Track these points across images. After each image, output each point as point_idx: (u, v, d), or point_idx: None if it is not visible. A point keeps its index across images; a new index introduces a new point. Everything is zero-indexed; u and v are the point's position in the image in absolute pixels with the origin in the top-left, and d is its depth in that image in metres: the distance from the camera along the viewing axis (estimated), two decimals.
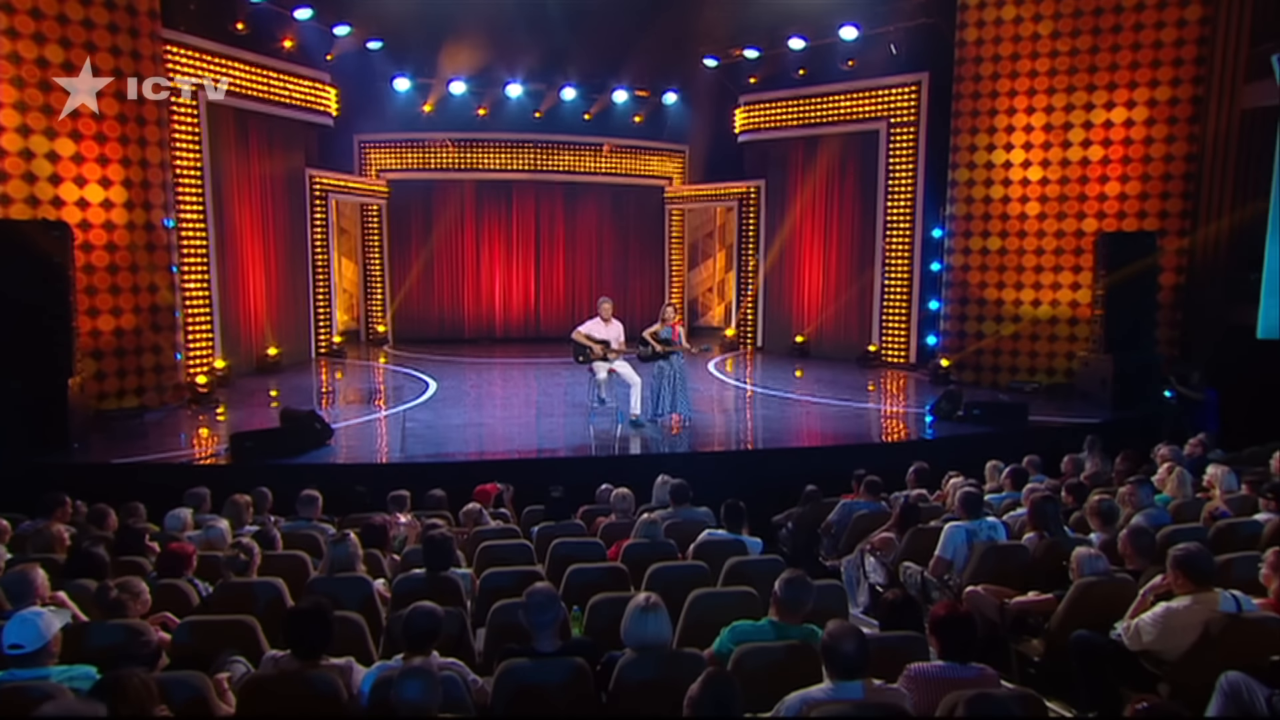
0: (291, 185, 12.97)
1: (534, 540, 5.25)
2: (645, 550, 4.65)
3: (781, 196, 14.73)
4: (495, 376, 12.30)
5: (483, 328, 16.43)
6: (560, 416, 8.98)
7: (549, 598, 3.10)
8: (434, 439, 7.89)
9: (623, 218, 16.91)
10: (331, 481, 6.47)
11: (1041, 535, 4.73)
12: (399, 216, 15.84)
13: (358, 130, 15.10)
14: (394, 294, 15.97)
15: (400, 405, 9.60)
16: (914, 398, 10.68)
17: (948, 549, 4.84)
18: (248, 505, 5.46)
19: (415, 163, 15.74)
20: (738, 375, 12.82)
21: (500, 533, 5.34)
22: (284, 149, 12.35)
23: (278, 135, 12.34)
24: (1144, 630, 3.40)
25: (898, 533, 5.33)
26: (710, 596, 3.77)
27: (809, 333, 14.47)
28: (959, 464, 6.64)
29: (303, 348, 13.38)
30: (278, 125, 12.11)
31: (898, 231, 13.01)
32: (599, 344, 8.34)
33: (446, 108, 15.20)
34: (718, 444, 7.99)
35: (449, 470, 6.96)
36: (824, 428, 8.87)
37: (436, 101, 15.18)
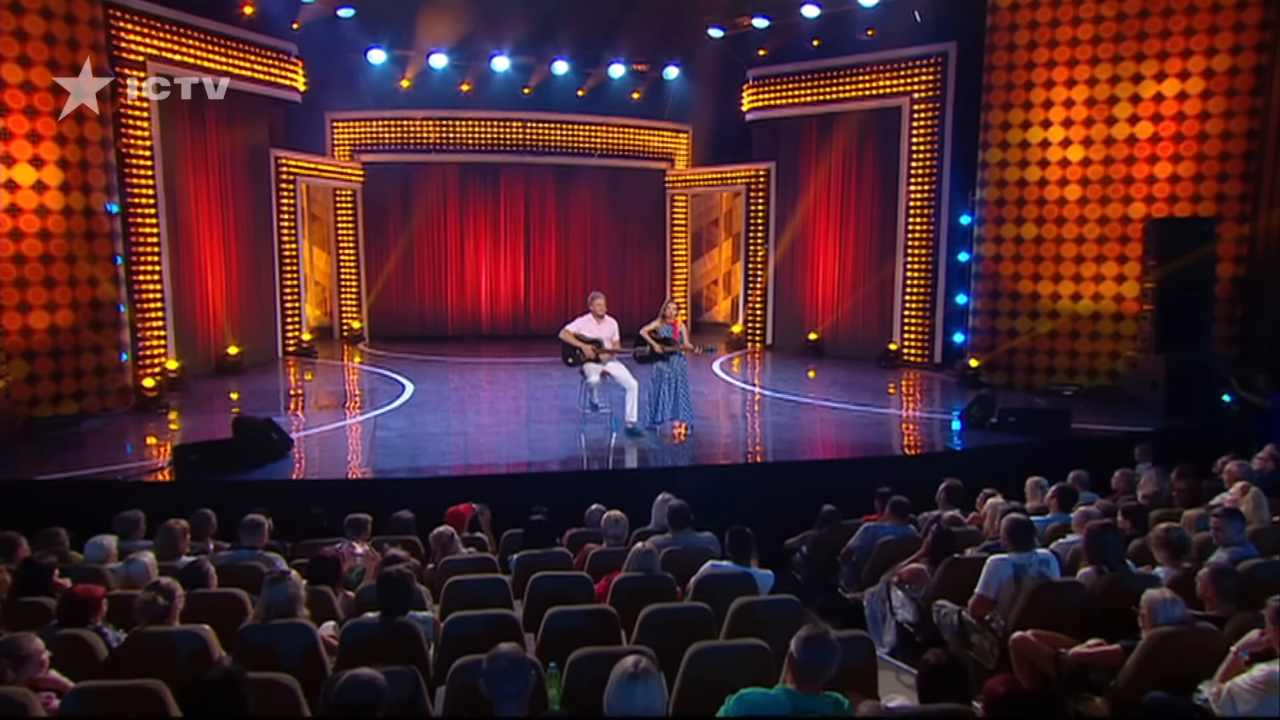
0: (255, 167, 12.82)
1: (512, 572, 4.99)
2: (639, 586, 4.37)
3: (793, 180, 14.64)
4: (480, 378, 12.17)
5: (467, 324, 16.35)
6: (550, 424, 8.85)
7: (514, 664, 2.71)
8: (407, 450, 7.66)
9: (620, 204, 16.83)
10: (287, 501, 6.36)
11: (1100, 570, 4.38)
12: (375, 202, 15.69)
13: (329, 107, 15.00)
14: (370, 287, 15.88)
15: (372, 410, 9.43)
16: (939, 402, 10.54)
17: (991, 586, 4.49)
18: (184, 532, 5.09)
19: (392, 143, 15.60)
20: (745, 376, 12.74)
21: (473, 564, 5.02)
22: (245, 127, 12.17)
23: (238, 112, 12.08)
24: (1240, 698, 3.02)
25: (930, 563, 5.03)
26: (713, 652, 3.43)
27: (823, 330, 14.39)
28: (993, 479, 6.42)
29: (268, 346, 13.27)
30: (238, 101, 11.83)
31: (921, 218, 12.84)
32: (590, 344, 8.08)
33: (426, 83, 15.12)
34: (723, 455, 7.83)
35: (421, 487, 6.76)
36: (841, 436, 8.73)
37: (415, 76, 15.10)
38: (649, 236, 17.08)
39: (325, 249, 15.85)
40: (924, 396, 11.16)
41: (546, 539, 5.21)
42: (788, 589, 5.36)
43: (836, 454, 8.18)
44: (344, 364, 13.38)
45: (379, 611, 3.90)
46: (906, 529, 5.69)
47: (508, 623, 3.99)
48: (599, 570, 4.87)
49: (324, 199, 15.61)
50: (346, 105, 15.07)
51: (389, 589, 3.92)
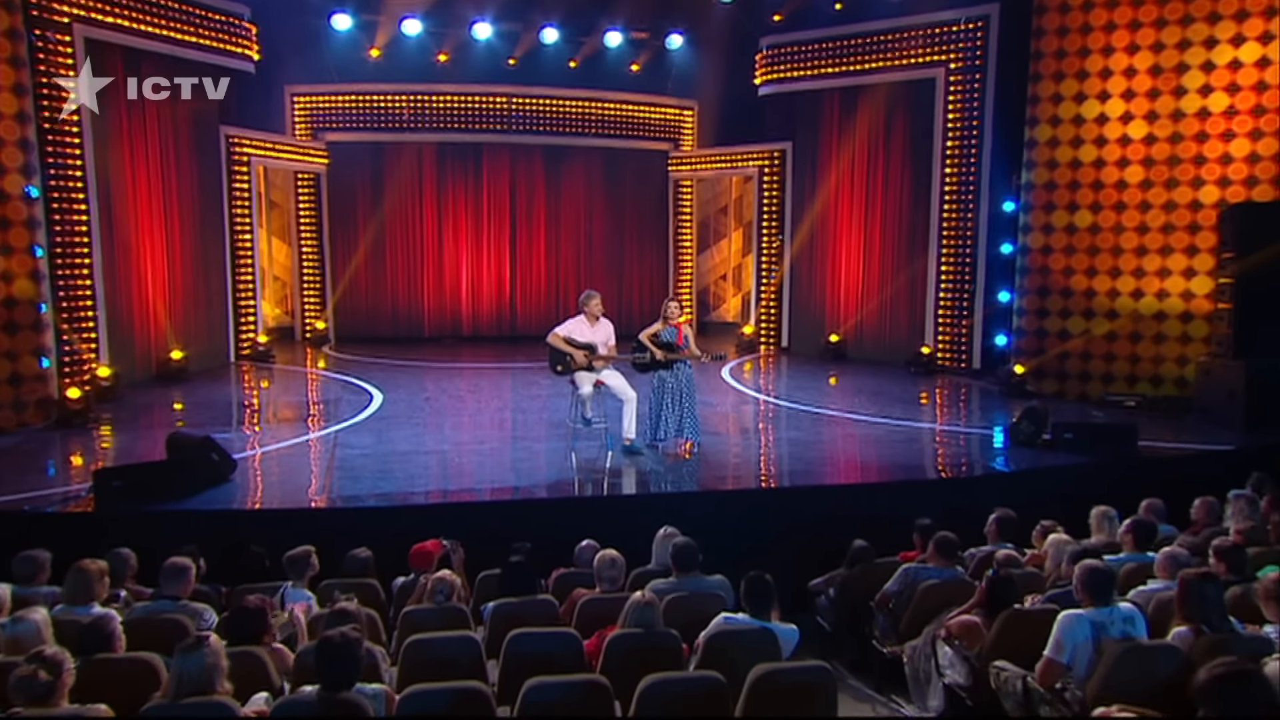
0: (203, 147, 12.67)
1: (487, 624, 4.74)
2: (638, 645, 4.17)
3: (812, 163, 14.60)
4: (459, 387, 12.17)
5: (445, 325, 16.35)
6: (537, 440, 8.72)
7: None
8: (371, 472, 7.47)
9: (617, 189, 16.83)
10: (226, 536, 6.11)
11: (1198, 630, 4.05)
12: (342, 187, 15.62)
13: (287, 80, 14.87)
14: (336, 283, 15.82)
15: (334, 424, 9.27)
16: (979, 414, 10.56)
17: (1064, 648, 4.15)
18: (101, 574, 4.69)
19: (360, 121, 15.57)
20: (758, 384, 12.75)
21: (439, 617, 4.70)
22: (191, 102, 11.94)
23: None
24: None
25: (985, 615, 4.72)
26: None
27: (846, 331, 14.37)
28: (1047, 507, 6.24)
29: (218, 350, 13.12)
30: (183, 71, 11.53)
31: (958, 205, 12.75)
32: (582, 349, 7.98)
33: (398, 53, 15.04)
34: (733, 479, 7.77)
35: (386, 518, 6.60)
36: (869, 455, 8.63)
37: (386, 45, 15.01)
38: (650, 226, 17.09)
39: (285, 240, 15.76)
40: (962, 408, 11.14)
41: (528, 585, 4.95)
42: (812, 639, 5.40)
43: (862, 477, 8.11)
44: (305, 370, 13.40)
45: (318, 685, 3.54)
46: (953, 571, 5.40)
47: (477, 699, 3.67)
48: (590, 623, 4.67)
49: (283, 183, 15.54)
50: (308, 78, 14.99)
51: (330, 657, 3.57)
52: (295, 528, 6.25)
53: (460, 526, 6.13)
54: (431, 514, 6.64)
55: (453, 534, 5.90)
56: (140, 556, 5.27)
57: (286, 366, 13.39)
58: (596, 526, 6.01)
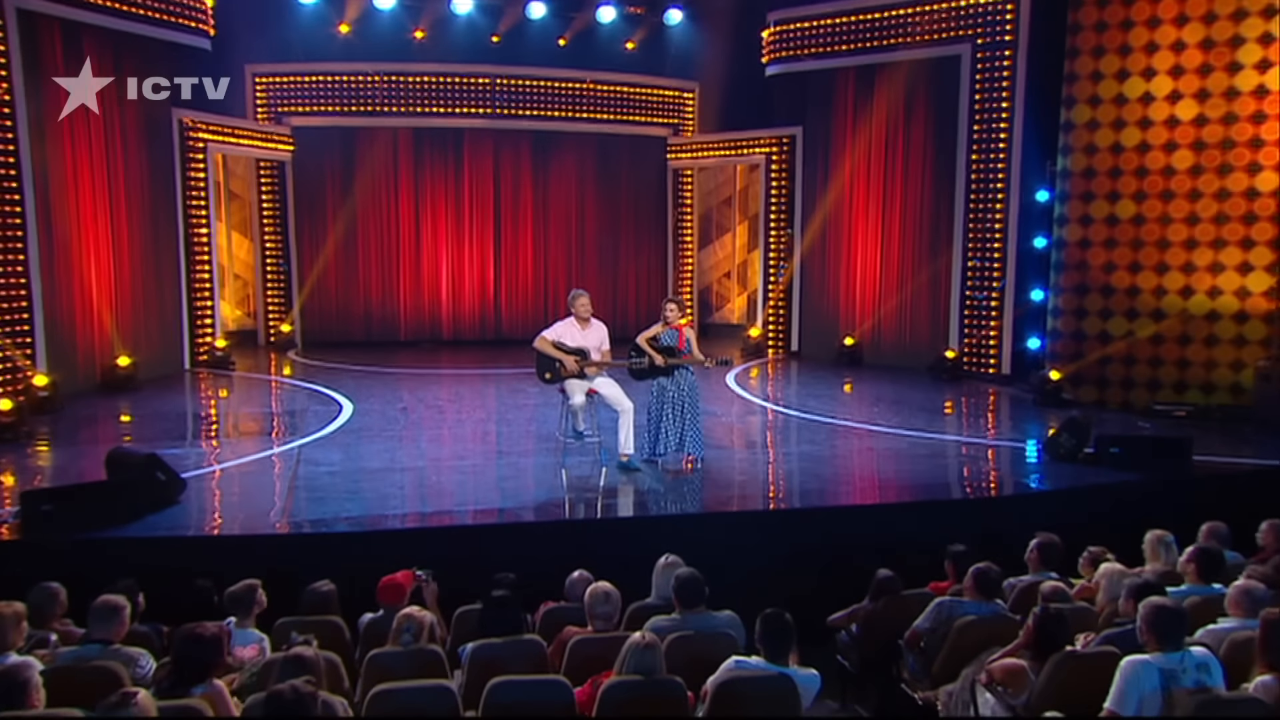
0: (153, 132, 12.56)
1: (465, 668, 4.60)
2: (636, 694, 4.05)
3: (825, 149, 14.61)
4: (438, 395, 12.15)
5: (423, 328, 16.36)
6: (524, 455, 8.76)
7: None
8: (339, 493, 7.42)
9: (612, 179, 16.83)
10: (172, 567, 5.98)
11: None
12: (309, 176, 15.59)
13: (248, 59, 14.82)
14: (303, 281, 15.79)
15: (297, 439, 9.24)
16: (1011, 425, 10.66)
17: (1129, 699, 3.95)
18: (19, 618, 4.50)
19: (329, 104, 15.55)
20: (766, 392, 12.81)
21: (409, 662, 4.53)
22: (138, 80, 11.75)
23: (129, 61, 11.63)
24: None
25: (1032, 658, 4.53)
26: None
27: (862, 334, 14.40)
28: (1093, 531, 6.24)
29: (171, 356, 13.04)
30: (129, 47, 11.51)
31: (986, 195, 12.73)
32: (573, 355, 7.91)
33: (371, 29, 15.02)
34: (740, 498, 7.74)
35: (353, 545, 6.53)
36: (889, 471, 8.61)
37: (356, 20, 15.00)
38: (647, 219, 17.08)
39: (246, 234, 15.72)
40: (992, 418, 11.17)
41: (512, 622, 4.79)
42: (832, 681, 5.37)
43: (884, 496, 8.14)
44: (269, 378, 13.40)
45: None
46: (994, 606, 5.24)
47: None
48: (583, 666, 4.53)
49: (244, 173, 15.49)
50: (270, 56, 14.95)
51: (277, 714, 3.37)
52: (250, 557, 6.19)
53: (437, 554, 6.06)
54: (405, 540, 6.60)
55: (429, 562, 5.78)
56: (74, 591, 5.07)
57: (247, 374, 13.35)
58: (589, 553, 6.02)
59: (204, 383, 12.68)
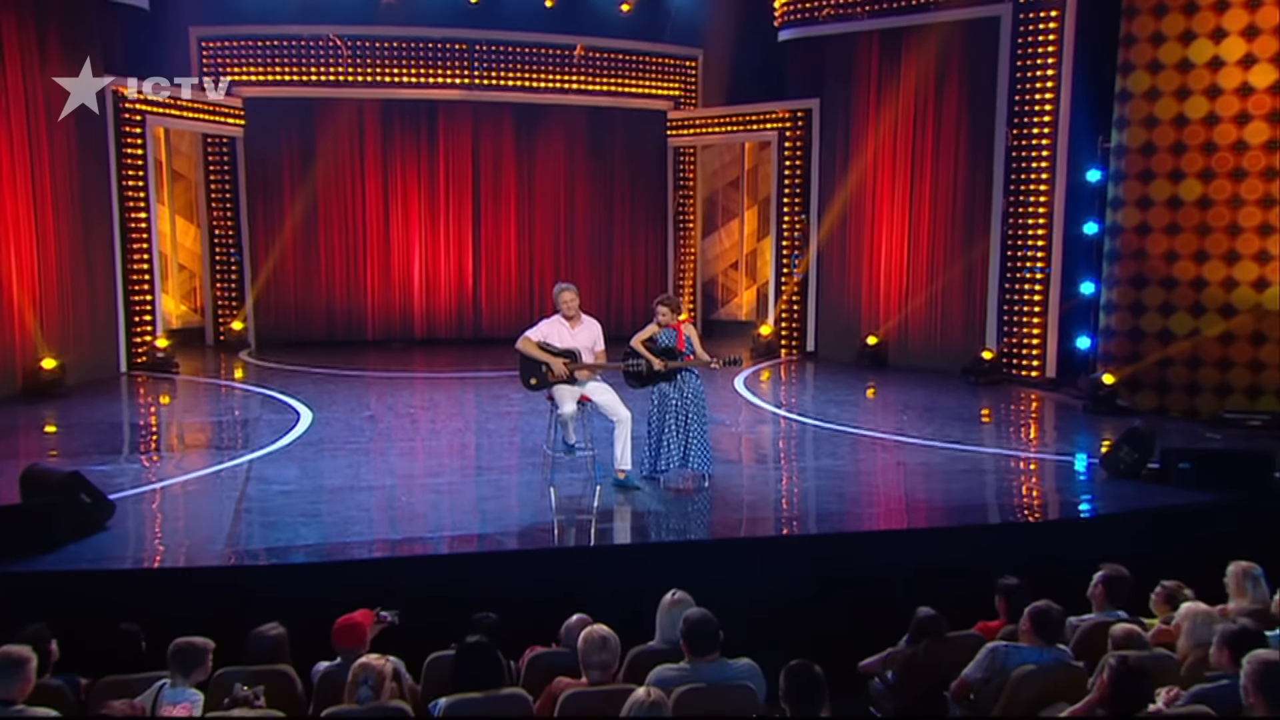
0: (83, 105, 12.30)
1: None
2: None
3: (845, 124, 14.53)
4: (409, 402, 12.17)
5: (393, 325, 16.36)
6: (506, 472, 8.76)
7: None
8: (291, 516, 7.33)
9: (605, 158, 16.79)
10: (94, 606, 5.89)
11: None
12: (263, 154, 15.47)
13: (193, 20, 14.75)
14: (257, 273, 15.73)
15: (247, 453, 9.19)
16: (1058, 435, 10.61)
17: None
18: None
19: (285, 72, 15.44)
20: (779, 398, 12.83)
21: None
22: (66, 45, 11.72)
23: (52, 23, 11.53)
24: None
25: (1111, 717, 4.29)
26: None
27: (887, 332, 14.37)
28: (1162, 560, 6.21)
29: (104, 358, 12.98)
30: (54, 5, 11.43)
31: (1029, 175, 12.64)
32: (561, 357, 7.84)
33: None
34: (751, 521, 7.76)
35: (307, 579, 6.42)
36: (923, 490, 8.52)
37: None
38: (645, 204, 17.04)
39: (192, 220, 15.64)
40: (1037, 428, 11.15)
41: (491, 672, 4.63)
42: None
43: (912, 519, 8.04)
44: (217, 382, 13.39)
45: None
46: (1057, 653, 5.04)
47: None
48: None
49: (189, 150, 15.39)
50: (217, 17, 14.86)
51: None
52: (187, 594, 6.13)
53: (406, 588, 6.09)
54: (369, 572, 6.59)
55: (396, 599, 5.68)
56: None
57: (193, 378, 13.32)
58: (581, 586, 6.06)
59: (142, 388, 12.61)
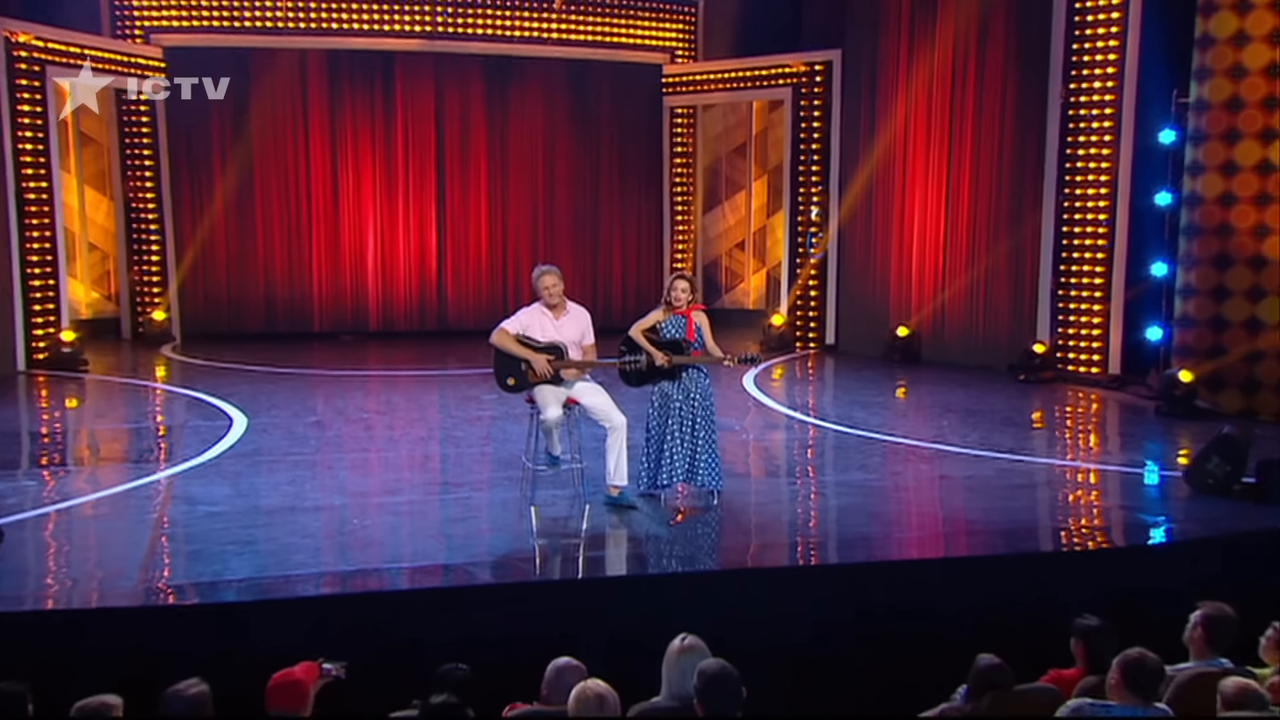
0: None
1: None
2: None
3: (870, 81, 14.63)
4: (363, 405, 12.12)
5: (344, 316, 16.45)
6: (479, 489, 8.71)
7: None
8: (220, 544, 7.17)
9: (590, 121, 16.93)
10: None
11: None
12: (189, 115, 15.30)
13: None
14: (182, 254, 15.73)
15: (169, 467, 9.10)
16: (1126, 443, 10.51)
17: None
18: None
19: (214, 16, 15.46)
20: (794, 398, 12.90)
21: None
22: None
23: None
24: None
25: None
26: None
27: (920, 322, 14.46)
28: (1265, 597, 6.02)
29: None
30: None
31: (1089, 137, 12.60)
32: (543, 352, 7.78)
33: None
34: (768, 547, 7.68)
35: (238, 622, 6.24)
36: (970, 508, 8.42)
37: None
38: (636, 173, 17.17)
39: (105, 191, 15.67)
40: (1101, 434, 11.20)
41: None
42: None
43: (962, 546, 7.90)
44: (135, 382, 13.27)
45: None
46: (1156, 711, 4.89)
47: None
48: None
49: (101, 108, 15.17)
50: None
51: None
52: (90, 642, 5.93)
53: (357, 633, 5.96)
54: (313, 613, 6.34)
55: (344, 647, 5.51)
56: None
57: (105, 377, 13.27)
58: (568, 627, 5.96)
59: (43, 390, 12.60)
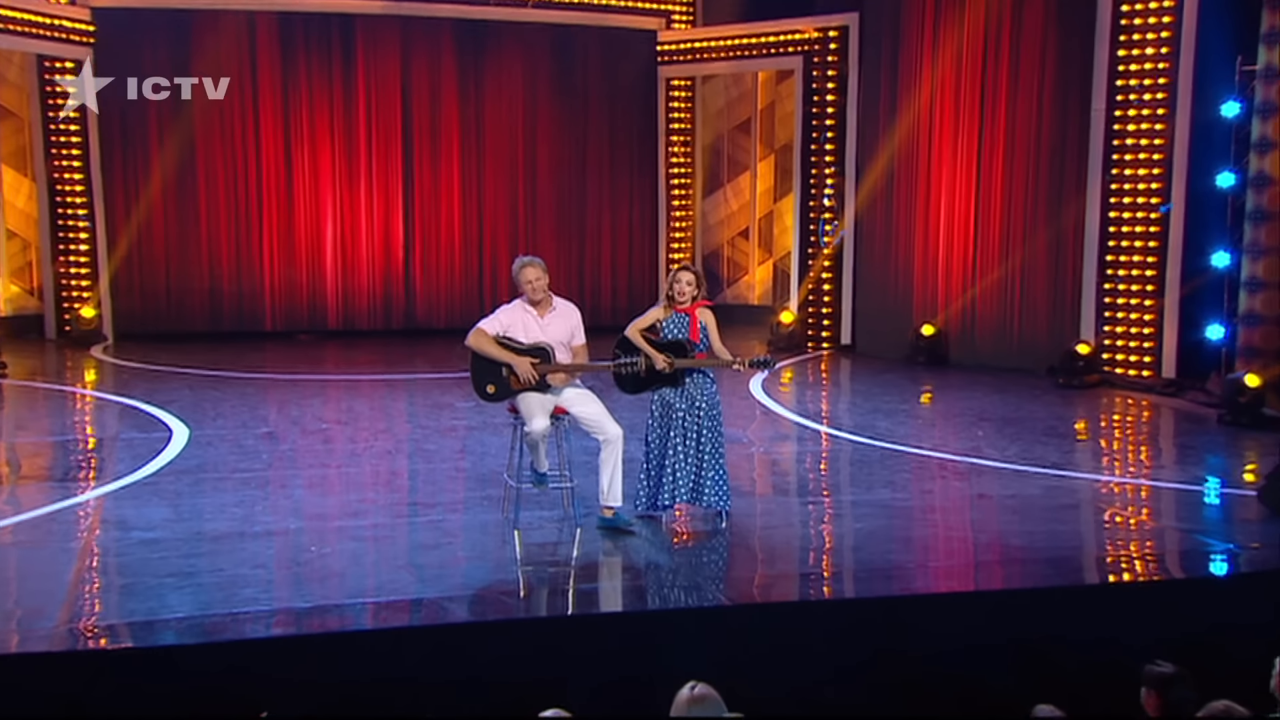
0: None
1: None
2: None
3: (892, 47, 14.74)
4: (320, 414, 12.14)
5: (299, 313, 16.56)
6: (453, 510, 8.67)
7: None
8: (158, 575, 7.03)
9: (576, 94, 17.08)
10: None
11: None
12: (121, 85, 15.00)
13: None
14: (114, 244, 15.78)
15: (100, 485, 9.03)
16: (1182, 455, 10.62)
17: None
18: None
19: None
20: (805, 405, 13.08)
21: None
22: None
23: None
24: None
25: None
26: None
27: (948, 319, 14.56)
28: None
29: None
30: None
31: (1140, 111, 12.61)
32: (526, 355, 7.71)
33: None
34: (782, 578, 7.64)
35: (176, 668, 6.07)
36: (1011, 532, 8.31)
37: None
38: (627, 152, 17.30)
39: (25, 172, 15.75)
40: (1154, 446, 11.22)
41: None
42: None
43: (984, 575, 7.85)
44: (60, 388, 13.33)
45: None
46: None
47: None
48: None
49: (19, 78, 15.48)
50: None
51: None
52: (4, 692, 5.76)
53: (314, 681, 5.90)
54: (264, 657, 6.25)
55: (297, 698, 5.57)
56: None
57: (26, 382, 13.26)
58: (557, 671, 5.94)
59: None
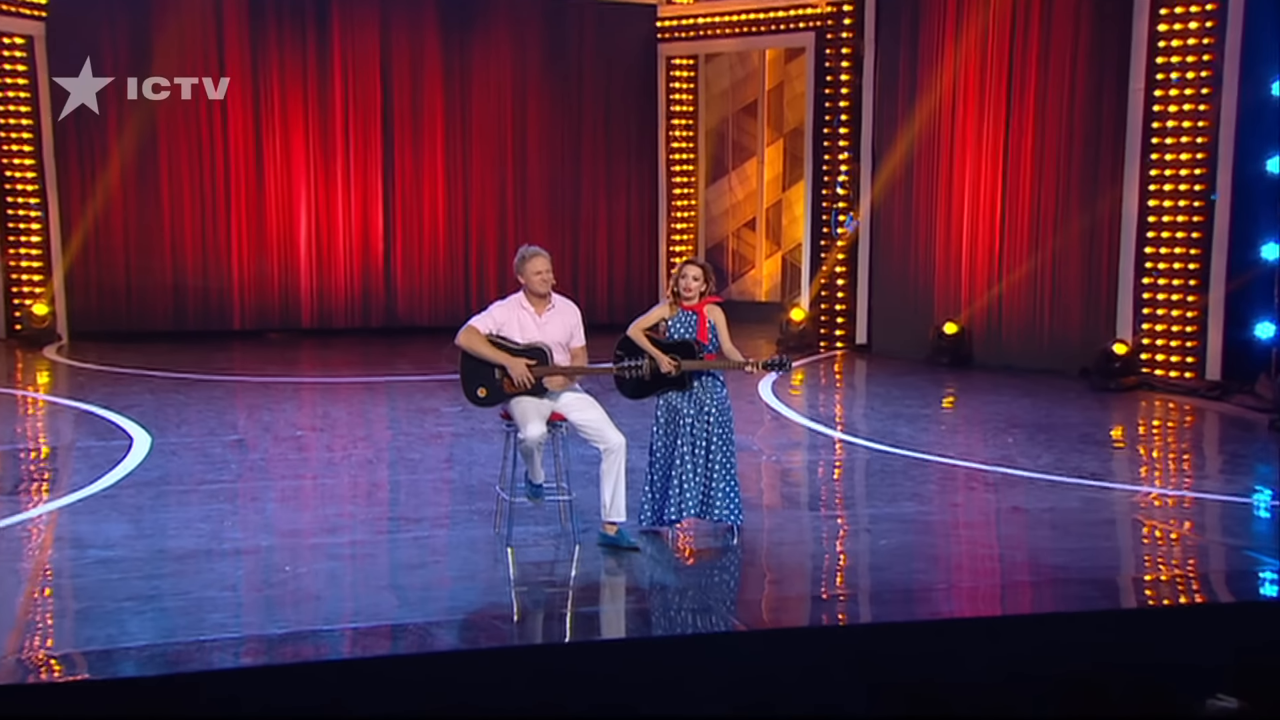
0: None
1: None
2: None
3: (911, 23, 14.97)
4: (295, 419, 12.30)
5: (270, 310, 16.72)
6: (439, 525, 8.67)
7: None
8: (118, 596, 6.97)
9: (570, 74, 17.36)
10: None
11: None
12: (75, 61, 15.32)
13: None
14: (69, 237, 15.88)
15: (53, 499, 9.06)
16: (1229, 464, 10.58)
17: None
18: None
19: None
20: (818, 409, 13.22)
21: None
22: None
23: None
24: None
25: None
26: None
27: (972, 317, 14.72)
28: None
29: None
30: None
31: (1183, 92, 12.64)
32: (521, 356, 7.69)
33: None
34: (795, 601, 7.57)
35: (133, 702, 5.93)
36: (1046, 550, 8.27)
37: None
38: (624, 137, 17.57)
39: None
40: (1199, 454, 11.31)
41: None
42: None
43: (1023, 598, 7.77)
44: (9, 391, 13.42)
45: None
46: None
47: None
48: None
49: None
50: None
51: None
52: None
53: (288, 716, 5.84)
54: (233, 688, 6.16)
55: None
56: None
57: None
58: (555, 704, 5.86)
59: None
